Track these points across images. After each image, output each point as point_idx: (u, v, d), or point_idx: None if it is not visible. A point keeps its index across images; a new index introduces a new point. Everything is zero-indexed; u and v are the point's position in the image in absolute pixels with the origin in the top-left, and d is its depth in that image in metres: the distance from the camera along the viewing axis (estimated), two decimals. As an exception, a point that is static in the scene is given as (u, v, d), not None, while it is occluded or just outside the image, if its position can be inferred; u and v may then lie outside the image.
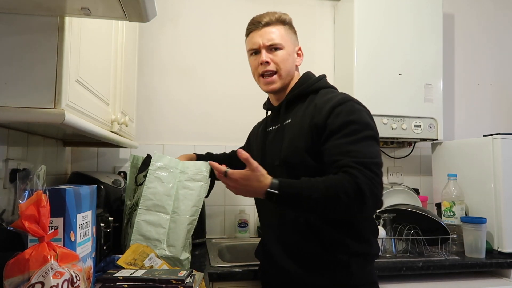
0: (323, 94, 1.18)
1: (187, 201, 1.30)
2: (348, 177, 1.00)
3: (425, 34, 1.96)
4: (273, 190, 1.02)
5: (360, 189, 0.98)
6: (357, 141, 1.05)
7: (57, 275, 0.70)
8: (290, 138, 1.17)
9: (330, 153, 1.06)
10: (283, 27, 1.25)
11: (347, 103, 1.10)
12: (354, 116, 1.08)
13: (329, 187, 1.00)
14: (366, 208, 1.02)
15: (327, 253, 1.10)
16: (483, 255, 1.59)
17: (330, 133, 1.07)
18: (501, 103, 2.37)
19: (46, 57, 0.78)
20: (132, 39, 1.61)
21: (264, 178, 1.04)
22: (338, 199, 0.99)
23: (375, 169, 1.02)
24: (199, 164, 1.36)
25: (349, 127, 1.06)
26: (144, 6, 0.73)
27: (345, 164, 1.02)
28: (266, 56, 1.22)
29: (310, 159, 1.11)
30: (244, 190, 1.06)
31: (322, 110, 1.11)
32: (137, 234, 1.24)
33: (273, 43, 1.22)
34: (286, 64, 1.23)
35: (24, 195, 0.73)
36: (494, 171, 1.69)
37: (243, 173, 1.04)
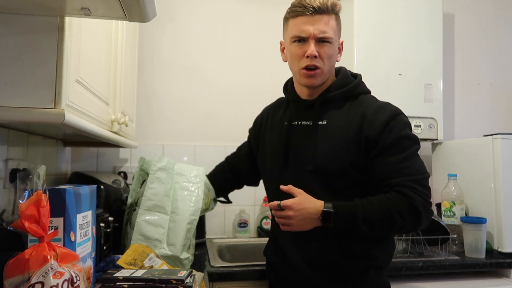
0: (368, 103, 1.11)
1: (185, 202, 1.30)
2: (403, 198, 1.01)
3: (425, 34, 1.96)
4: (328, 209, 1.03)
5: (416, 210, 1.00)
6: (409, 157, 1.05)
7: (57, 275, 0.70)
8: (330, 144, 1.09)
9: (381, 170, 1.05)
10: (334, 17, 1.12)
11: (399, 117, 1.08)
12: (405, 132, 1.07)
13: (384, 209, 1.01)
14: (421, 225, 1.05)
15: (347, 263, 1.09)
16: (483, 255, 1.59)
17: (382, 149, 1.05)
18: (501, 103, 2.37)
19: (46, 57, 0.78)
20: (132, 39, 1.61)
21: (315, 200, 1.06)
22: (393, 221, 1.01)
23: (426, 183, 1.04)
24: (194, 168, 1.38)
25: (401, 143, 1.05)
26: (144, 6, 0.73)
27: (399, 183, 1.02)
28: (314, 50, 1.08)
29: (352, 171, 1.07)
30: (302, 217, 1.05)
31: (374, 122, 1.06)
32: (138, 234, 1.25)
33: (326, 36, 1.09)
34: (331, 61, 1.13)
35: (24, 195, 0.73)
36: (494, 171, 1.69)
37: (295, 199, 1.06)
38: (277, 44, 2.28)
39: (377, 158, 1.05)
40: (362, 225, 1.01)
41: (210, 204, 1.43)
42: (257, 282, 1.37)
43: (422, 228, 1.09)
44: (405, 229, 1.07)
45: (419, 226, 1.05)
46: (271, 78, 2.10)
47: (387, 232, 1.08)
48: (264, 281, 1.37)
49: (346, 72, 1.20)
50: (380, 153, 1.05)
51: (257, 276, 1.37)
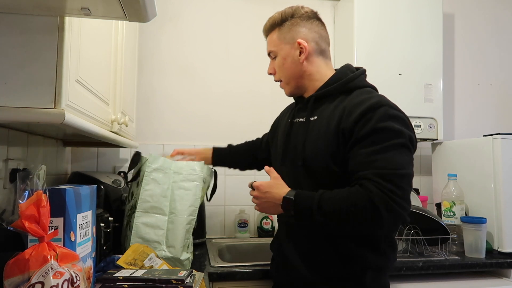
0: (355, 95, 1.09)
1: (184, 201, 1.29)
2: (362, 190, 0.94)
3: (425, 34, 1.96)
4: (288, 196, 1.03)
5: (373, 205, 0.92)
6: (383, 150, 0.97)
7: (57, 275, 0.70)
8: (314, 138, 1.10)
9: (352, 162, 1.01)
10: (276, 31, 1.20)
11: (380, 108, 1.01)
12: (385, 123, 0.99)
13: (340, 200, 0.96)
14: (383, 224, 0.94)
15: (341, 263, 1.06)
16: (483, 255, 1.59)
17: (355, 140, 1.01)
18: (501, 103, 2.37)
19: (46, 57, 0.78)
20: (132, 39, 1.61)
21: (283, 187, 1.07)
22: (349, 213, 0.95)
23: (397, 181, 0.94)
24: (192, 164, 1.36)
25: (376, 135, 0.98)
26: (144, 6, 0.72)
27: (363, 176, 0.96)
28: (269, 68, 1.25)
29: (333, 165, 1.04)
30: (266, 201, 1.08)
31: (351, 114, 1.03)
32: (136, 237, 1.24)
33: (268, 52, 1.23)
34: (284, 69, 1.19)
35: (24, 195, 0.73)
36: (494, 171, 1.69)
37: (266, 182, 1.09)
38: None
39: (351, 150, 1.01)
40: (318, 216, 0.98)
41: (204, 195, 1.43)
42: (258, 282, 1.37)
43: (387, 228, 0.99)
44: (366, 227, 0.97)
45: (380, 225, 0.94)
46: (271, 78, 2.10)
47: (346, 226, 0.99)
48: (264, 281, 1.37)
49: (344, 68, 1.18)
50: (353, 145, 1.01)
51: (257, 276, 1.37)
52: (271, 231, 1.97)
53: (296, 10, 1.19)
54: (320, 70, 1.18)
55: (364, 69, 1.18)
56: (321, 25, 1.21)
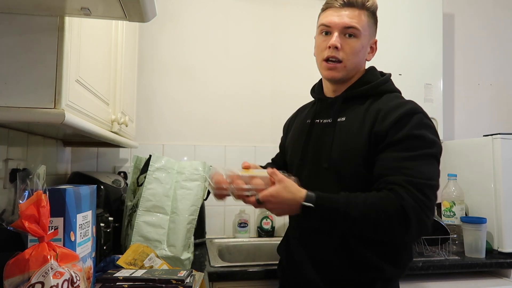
0: (388, 99, 1.06)
1: (185, 201, 1.30)
2: (393, 197, 0.91)
3: (425, 34, 1.96)
4: (308, 204, 0.94)
5: (404, 213, 0.89)
6: (415, 157, 0.95)
7: (57, 275, 0.70)
8: (344, 141, 1.06)
9: (381, 165, 0.97)
10: (365, 13, 1.10)
11: (416, 115, 1.00)
12: (419, 131, 0.98)
13: (370, 206, 0.92)
14: (410, 234, 0.93)
15: (355, 272, 1.03)
16: (483, 255, 1.59)
17: (388, 143, 0.98)
18: (501, 103, 2.37)
19: (46, 57, 0.78)
20: (132, 39, 1.61)
21: (296, 189, 0.96)
22: (378, 220, 0.92)
23: (427, 192, 0.92)
24: (195, 164, 1.36)
25: (410, 142, 0.96)
26: (144, 6, 0.73)
27: (394, 181, 0.93)
28: (337, 40, 1.07)
29: (364, 170, 1.01)
30: (281, 208, 0.97)
31: (386, 117, 1.00)
32: (137, 236, 1.25)
33: (350, 26, 1.07)
34: (356, 57, 1.10)
35: (24, 195, 0.73)
36: (494, 171, 1.69)
37: (272, 189, 0.95)
38: (277, 43, 2.28)
39: (382, 153, 0.98)
40: (342, 221, 0.94)
41: None
42: (258, 282, 1.37)
43: (412, 238, 0.98)
44: (392, 234, 0.95)
45: (407, 234, 0.93)
46: (271, 78, 2.10)
47: (371, 233, 0.96)
48: (264, 281, 1.37)
49: (373, 71, 1.16)
50: (385, 148, 0.98)
51: (257, 276, 1.37)
52: (271, 231, 1.97)
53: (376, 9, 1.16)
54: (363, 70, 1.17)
55: (390, 74, 1.17)
56: None
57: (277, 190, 0.96)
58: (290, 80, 2.11)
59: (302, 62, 2.11)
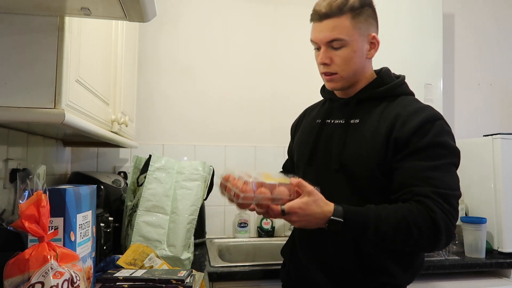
0: (406, 103, 1.03)
1: (185, 201, 1.30)
2: (423, 209, 0.90)
3: (425, 34, 1.96)
4: (337, 218, 0.90)
5: (436, 225, 0.89)
6: (440, 167, 0.93)
7: (57, 275, 0.70)
8: (358, 144, 1.02)
9: (405, 174, 0.95)
10: (349, 15, 1.02)
11: (438, 121, 0.97)
12: (442, 139, 0.95)
13: (400, 219, 0.90)
14: (440, 245, 0.93)
15: (363, 276, 1.01)
16: (483, 255, 1.59)
17: (412, 152, 0.95)
18: (501, 103, 2.37)
19: (46, 57, 0.78)
20: (132, 39, 1.61)
21: (324, 203, 0.92)
22: (409, 234, 0.90)
23: (454, 202, 0.92)
24: (195, 164, 1.36)
25: (434, 150, 0.94)
26: (144, 6, 0.73)
27: (421, 193, 0.91)
28: (324, 57, 1.05)
29: (379, 174, 0.99)
30: (306, 221, 0.92)
31: (407, 123, 0.97)
32: (137, 236, 1.25)
33: (332, 39, 1.02)
34: (350, 64, 1.05)
35: (24, 195, 0.73)
36: (494, 171, 1.69)
37: (301, 202, 0.90)
38: (278, 43, 2.28)
39: (403, 161, 0.95)
40: (372, 236, 0.92)
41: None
42: (258, 282, 1.37)
43: (438, 249, 0.97)
44: (421, 246, 0.94)
45: (436, 246, 0.93)
46: (271, 77, 2.10)
47: (401, 246, 0.95)
48: (264, 281, 1.37)
49: (387, 72, 1.13)
50: (407, 156, 0.95)
51: (257, 276, 1.37)
52: (271, 231, 1.97)
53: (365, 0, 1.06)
54: (370, 69, 1.12)
55: (404, 76, 1.13)
56: None
57: (307, 202, 0.91)
58: (290, 80, 2.11)
59: (302, 62, 2.11)
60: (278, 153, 2.06)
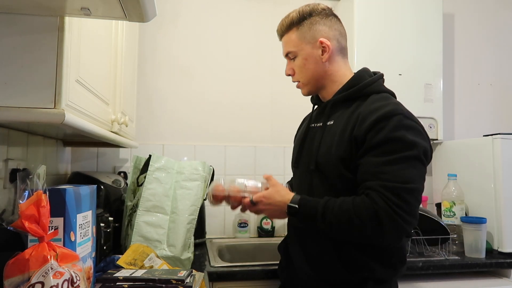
0: (371, 101, 1.06)
1: (185, 201, 1.30)
2: (367, 201, 0.94)
3: (425, 34, 1.96)
4: (293, 205, 1.03)
5: (377, 216, 0.92)
6: (393, 161, 0.95)
7: (57, 275, 0.70)
8: (329, 143, 1.09)
9: (362, 170, 0.99)
10: (294, 30, 1.15)
11: (395, 117, 0.99)
12: (398, 133, 0.97)
13: (344, 210, 0.96)
14: (387, 238, 0.95)
15: (345, 270, 1.04)
16: (483, 255, 1.59)
17: (367, 148, 0.99)
18: (501, 103, 2.37)
19: (46, 57, 0.78)
20: (132, 39, 1.61)
21: (285, 193, 1.07)
22: (351, 224, 0.95)
23: (405, 195, 0.93)
24: (195, 164, 1.36)
25: (388, 145, 0.96)
26: (144, 6, 0.73)
27: (370, 186, 0.95)
28: (287, 69, 1.20)
29: (345, 171, 1.03)
30: (272, 210, 1.08)
31: (365, 121, 1.01)
32: (137, 236, 1.25)
33: (286, 53, 1.18)
34: (304, 71, 1.15)
35: (24, 195, 0.73)
36: (494, 171, 1.69)
37: (266, 192, 1.08)
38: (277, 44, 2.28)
39: (361, 157, 1.00)
40: (321, 224, 0.99)
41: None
42: (258, 282, 1.37)
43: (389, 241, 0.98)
44: (368, 238, 0.97)
45: (383, 238, 0.95)
46: (271, 77, 2.10)
47: (347, 235, 1.00)
48: (264, 281, 1.37)
49: (362, 72, 1.16)
50: (364, 153, 0.99)
51: (257, 276, 1.37)
52: (271, 231, 1.97)
53: (314, 8, 1.14)
54: (340, 69, 1.16)
55: (381, 74, 1.16)
56: (339, 22, 1.18)
57: (269, 192, 1.08)
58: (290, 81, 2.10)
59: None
60: (279, 153, 2.06)
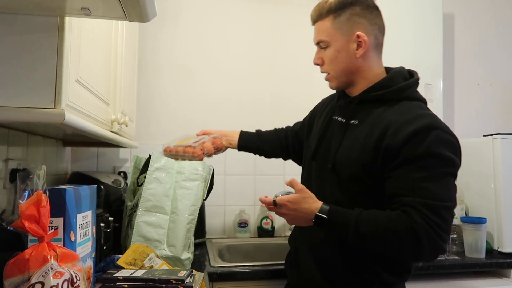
0: (405, 110, 1.01)
1: (185, 201, 1.30)
2: (405, 219, 0.90)
3: (425, 34, 1.96)
4: (322, 215, 0.96)
5: (416, 235, 0.89)
6: (431, 178, 0.92)
7: (57, 275, 0.70)
8: (350, 145, 1.04)
9: (396, 184, 0.95)
10: (330, 18, 1.06)
11: (434, 131, 0.94)
12: (437, 149, 0.93)
13: (381, 225, 0.92)
14: (423, 256, 0.93)
15: (349, 271, 1.04)
16: (483, 255, 1.59)
17: (403, 161, 0.94)
18: (501, 103, 2.37)
19: (46, 57, 0.78)
20: (132, 39, 1.61)
21: (313, 200, 0.99)
22: (387, 240, 0.92)
23: (443, 213, 0.90)
24: (195, 164, 1.36)
25: (426, 160, 0.92)
26: (144, 6, 0.72)
27: (407, 203, 0.91)
28: (316, 57, 1.12)
29: (365, 177, 1.00)
30: (295, 216, 1.01)
31: (399, 132, 0.95)
32: (137, 236, 1.24)
33: (318, 41, 1.10)
34: (335, 63, 1.08)
35: (24, 195, 0.73)
36: (494, 171, 1.69)
37: (291, 197, 1.00)
38: (278, 43, 2.28)
39: (395, 170, 0.95)
40: (353, 237, 0.94)
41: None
42: (258, 282, 1.37)
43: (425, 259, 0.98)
44: (402, 254, 0.96)
45: (419, 257, 0.95)
46: (271, 77, 2.10)
47: (381, 251, 0.98)
48: (264, 281, 1.37)
49: (397, 73, 1.09)
50: (399, 166, 0.94)
51: (257, 276, 1.37)
52: (271, 231, 1.97)
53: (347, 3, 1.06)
54: (372, 67, 1.09)
55: (417, 78, 1.11)
56: (380, 16, 1.09)
57: (296, 197, 1.00)
58: (290, 80, 2.11)
59: (302, 61, 2.11)
60: (278, 153, 2.06)
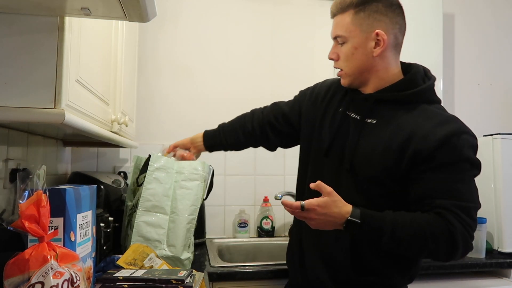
0: (430, 114, 1.00)
1: (185, 201, 1.30)
2: (441, 221, 0.91)
3: (425, 34, 1.96)
4: (355, 219, 0.92)
5: (453, 238, 0.91)
6: (464, 181, 0.95)
7: (57, 275, 0.70)
8: (371, 147, 1.01)
9: (428, 186, 0.95)
10: (351, 13, 1.03)
11: (464, 135, 0.96)
12: (468, 153, 0.96)
13: (417, 228, 0.92)
14: (456, 256, 0.95)
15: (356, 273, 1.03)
16: (483, 255, 1.59)
17: (437, 166, 0.94)
18: (501, 103, 2.37)
19: (46, 57, 0.78)
20: (132, 39, 1.61)
21: (342, 204, 0.94)
22: (425, 243, 0.92)
23: (474, 214, 0.94)
24: (194, 164, 1.36)
25: (459, 164, 0.95)
26: (144, 6, 0.73)
27: (441, 205, 0.92)
28: (331, 52, 1.09)
29: (388, 180, 0.98)
30: (323, 221, 0.94)
31: (429, 136, 0.95)
32: (137, 236, 1.24)
33: (335, 36, 1.07)
34: (351, 61, 1.04)
35: (24, 195, 0.73)
36: (494, 171, 1.69)
37: (321, 200, 0.93)
38: (278, 43, 2.28)
39: (426, 173, 0.95)
40: (388, 241, 0.93)
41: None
42: (257, 282, 1.37)
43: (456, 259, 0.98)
44: (436, 256, 0.96)
45: (452, 257, 0.95)
46: (271, 77, 2.10)
47: (415, 254, 0.99)
48: (264, 281, 1.37)
49: (417, 75, 1.06)
50: (431, 169, 0.94)
51: (257, 276, 1.37)
52: (271, 231, 1.97)
53: None
54: (389, 67, 1.06)
55: (434, 78, 1.09)
56: (402, 15, 1.07)
57: (326, 201, 0.93)
58: (290, 80, 2.10)
59: (302, 61, 2.11)
60: (279, 153, 2.05)
